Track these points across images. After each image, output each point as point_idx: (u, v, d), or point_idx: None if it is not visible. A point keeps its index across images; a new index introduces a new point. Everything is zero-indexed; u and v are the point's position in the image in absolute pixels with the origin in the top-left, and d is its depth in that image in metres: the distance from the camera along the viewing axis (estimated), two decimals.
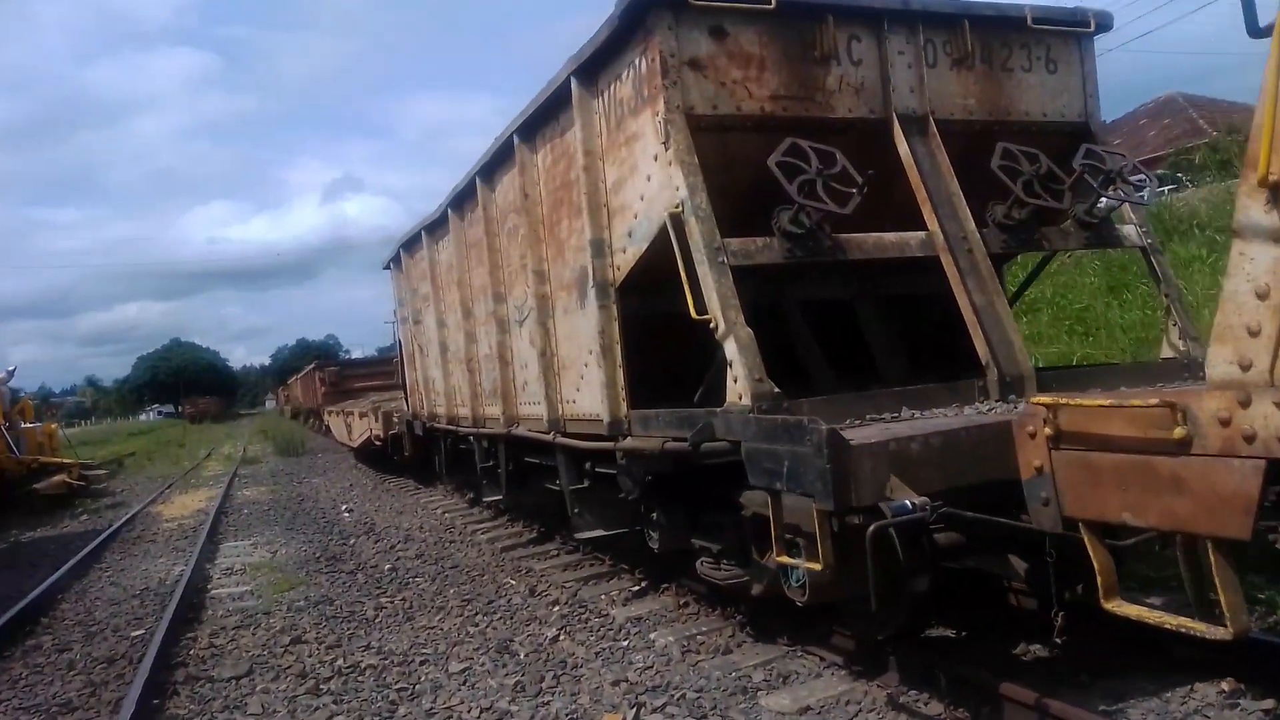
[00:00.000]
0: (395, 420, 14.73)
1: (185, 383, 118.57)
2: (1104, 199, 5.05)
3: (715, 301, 4.19)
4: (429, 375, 11.14)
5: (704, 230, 4.31)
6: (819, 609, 4.63)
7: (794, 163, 4.32)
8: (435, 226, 9.70)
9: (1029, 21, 5.23)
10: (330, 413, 26.74)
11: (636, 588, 6.99)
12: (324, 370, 32.29)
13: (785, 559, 3.94)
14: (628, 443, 5.28)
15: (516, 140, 6.53)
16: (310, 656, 6.18)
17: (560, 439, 6.46)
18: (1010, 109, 5.33)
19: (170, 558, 10.99)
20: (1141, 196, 5.07)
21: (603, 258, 5.36)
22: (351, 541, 11.15)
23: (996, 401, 4.45)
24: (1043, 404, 2.83)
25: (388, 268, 12.93)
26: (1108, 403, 2.72)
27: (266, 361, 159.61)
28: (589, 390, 5.81)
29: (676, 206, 4.43)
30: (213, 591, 8.71)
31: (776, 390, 4.09)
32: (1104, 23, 5.46)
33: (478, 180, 7.69)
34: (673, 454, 4.67)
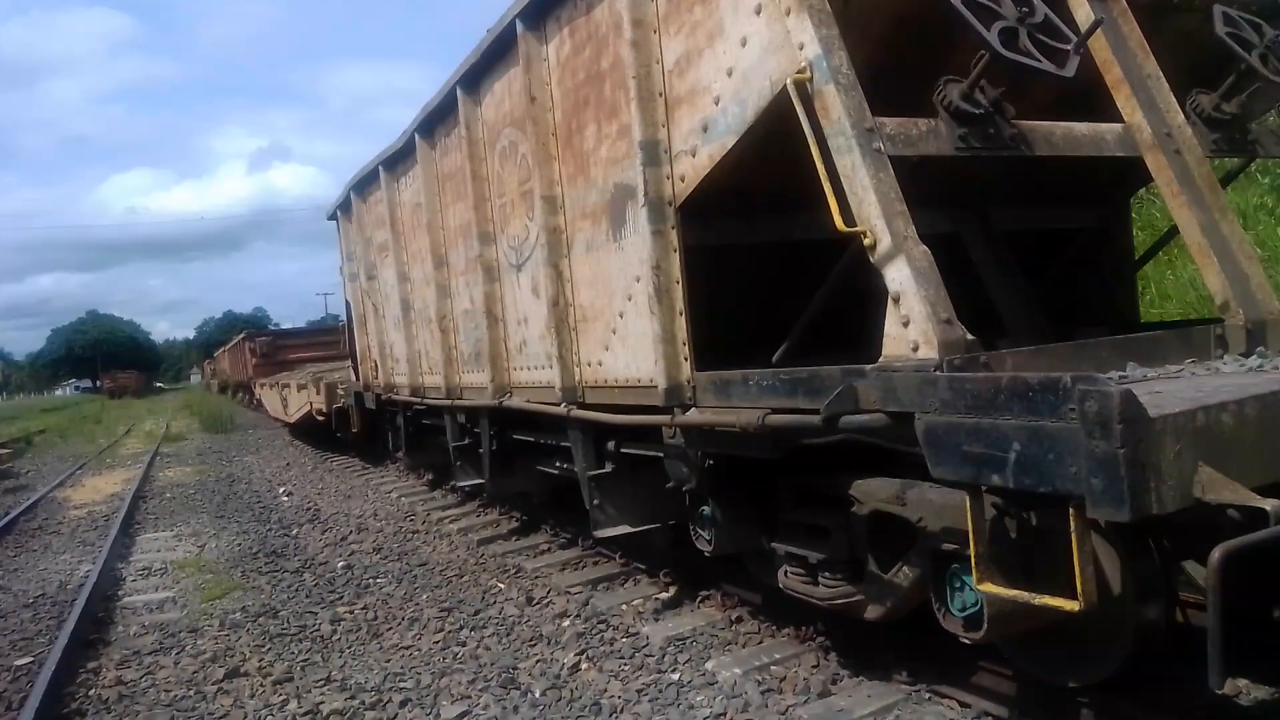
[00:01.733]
0: (341, 392, 13.11)
1: (104, 356, 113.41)
2: None
3: (873, 205, 2.82)
4: (386, 339, 9.58)
5: (849, 104, 2.94)
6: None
7: (981, 1, 2.97)
8: (397, 160, 8.13)
9: None
10: (263, 386, 24.77)
11: (664, 594, 5.65)
12: (255, 340, 30.10)
13: (996, 588, 2.62)
14: (691, 416, 3.90)
15: (520, 28, 5.05)
16: (253, 698, 4.71)
17: (577, 412, 5.05)
18: None
19: (75, 554, 9.30)
20: None
21: (658, 166, 3.95)
22: (294, 532, 9.60)
23: (1244, 355, 3.19)
24: None
25: (333, 217, 11.26)
26: None
27: (191, 335, 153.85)
28: (628, 348, 4.42)
29: (802, 71, 3.04)
30: (125, 599, 7.11)
31: (972, 337, 2.76)
32: None
33: (459, 92, 6.18)
34: (778, 432, 3.32)
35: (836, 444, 3.33)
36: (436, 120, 6.95)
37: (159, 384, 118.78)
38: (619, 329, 4.52)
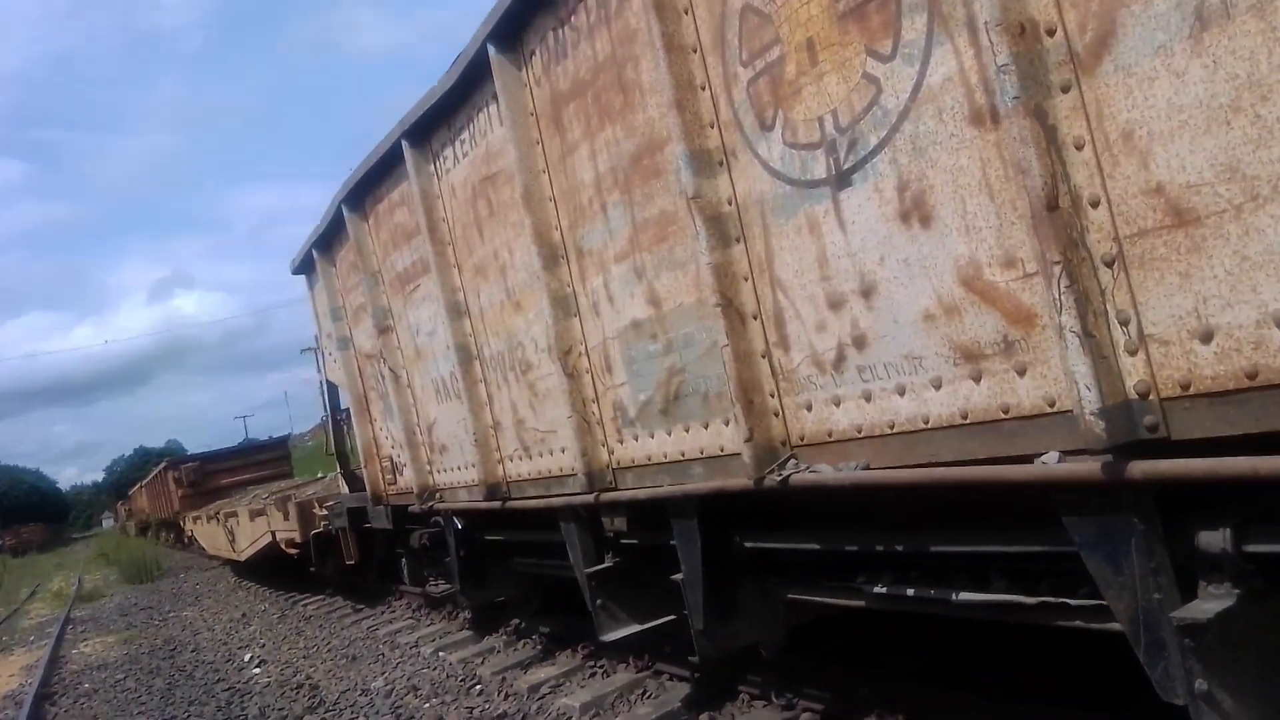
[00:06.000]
0: (322, 513, 9.65)
1: (4, 511, 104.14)
2: None
3: None
4: (416, 421, 6.32)
5: None
6: None
7: None
8: (440, 116, 5.02)
9: None
10: (194, 520, 20.73)
11: None
12: (179, 468, 25.86)
13: None
14: None
15: None
16: None
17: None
18: None
19: None
20: None
21: None
22: None
23: None
24: None
25: (304, 267, 8.03)
26: None
27: (100, 478, 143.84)
28: None
29: None
30: None
31: None
32: None
33: None
34: None
35: None
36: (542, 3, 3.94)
37: (69, 533, 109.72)
38: None
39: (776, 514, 3.59)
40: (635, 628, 4.51)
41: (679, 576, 3.84)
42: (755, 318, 3.10)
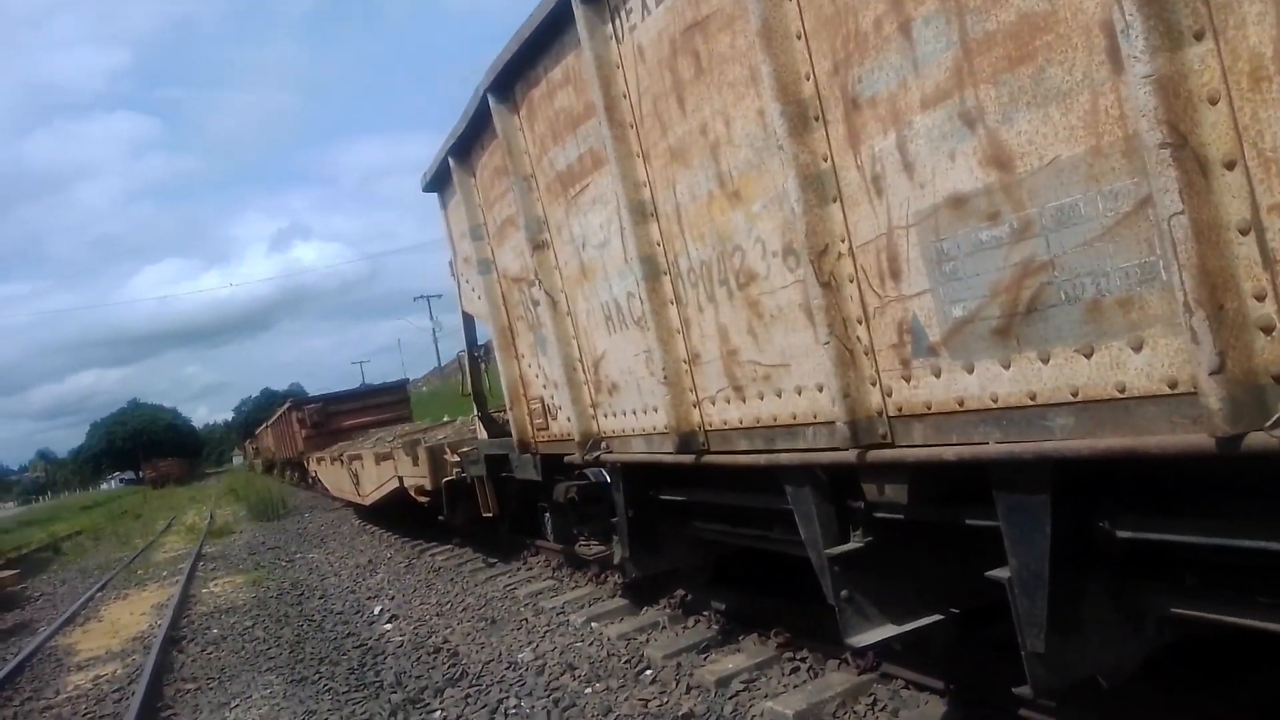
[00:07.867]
0: (454, 460, 8.79)
1: (145, 446, 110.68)
2: None
3: None
4: (579, 353, 5.25)
5: None
6: None
7: None
8: None
9: None
10: (318, 460, 20.60)
11: None
12: (303, 409, 25.95)
13: None
14: None
15: None
16: None
17: None
18: None
19: None
20: None
21: None
22: (436, 715, 5.31)
23: None
24: None
25: (438, 181, 7.02)
26: None
27: (230, 417, 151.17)
28: None
29: None
30: None
31: None
32: None
33: None
34: None
35: None
36: None
37: (203, 468, 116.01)
38: None
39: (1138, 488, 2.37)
40: (892, 630, 3.36)
41: (1000, 573, 2.65)
42: (1229, 166, 1.84)
